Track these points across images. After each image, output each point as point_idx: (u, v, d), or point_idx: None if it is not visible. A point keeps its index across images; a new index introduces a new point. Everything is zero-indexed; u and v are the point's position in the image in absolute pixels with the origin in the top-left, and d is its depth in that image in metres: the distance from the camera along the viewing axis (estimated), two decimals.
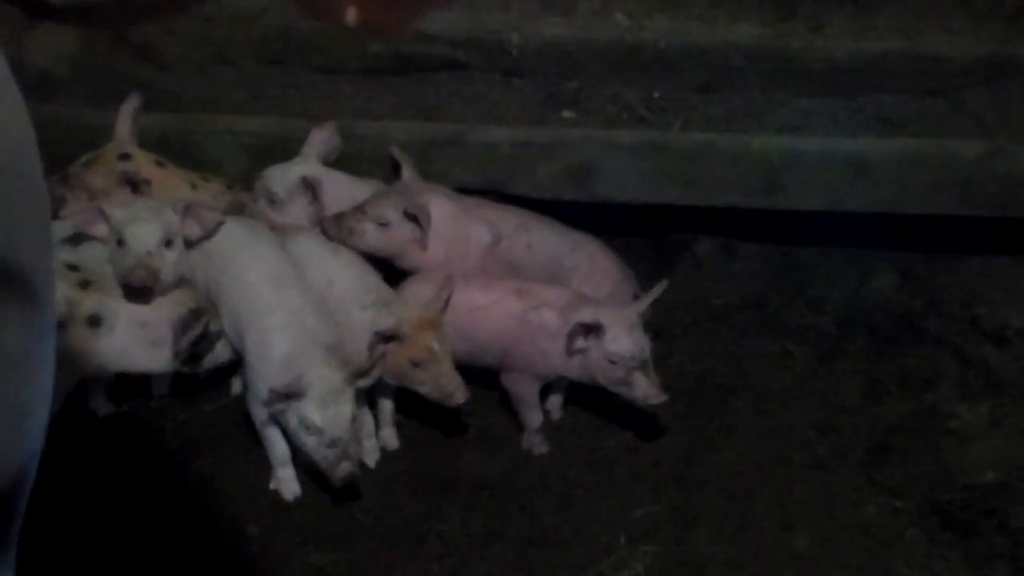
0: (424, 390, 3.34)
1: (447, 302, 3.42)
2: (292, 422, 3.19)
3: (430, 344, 3.31)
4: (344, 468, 3.17)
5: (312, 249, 3.59)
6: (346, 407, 3.18)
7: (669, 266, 4.05)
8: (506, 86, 4.02)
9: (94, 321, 3.22)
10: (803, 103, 3.96)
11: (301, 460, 3.37)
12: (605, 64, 3.99)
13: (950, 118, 3.90)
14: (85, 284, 3.25)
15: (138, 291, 3.27)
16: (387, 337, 3.32)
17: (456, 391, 3.33)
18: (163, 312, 3.28)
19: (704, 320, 4.01)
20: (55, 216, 3.56)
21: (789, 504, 3.37)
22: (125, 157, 3.66)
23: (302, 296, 3.38)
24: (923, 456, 3.49)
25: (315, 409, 3.15)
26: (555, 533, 3.32)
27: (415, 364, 3.31)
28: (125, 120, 3.75)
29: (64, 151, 3.81)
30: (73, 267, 3.29)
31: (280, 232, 3.63)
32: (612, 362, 3.34)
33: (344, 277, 3.54)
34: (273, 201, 3.70)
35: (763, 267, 4.16)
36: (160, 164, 3.70)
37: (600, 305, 3.45)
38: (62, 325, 3.20)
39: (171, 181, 3.69)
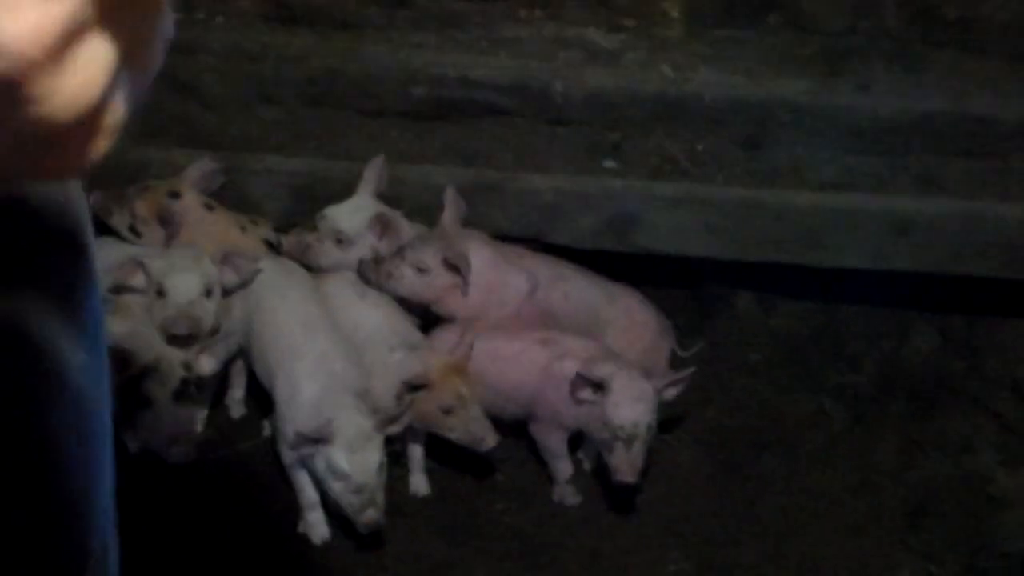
0: (454, 436, 3.32)
1: (471, 347, 3.41)
2: (320, 466, 3.17)
3: (458, 389, 3.30)
4: (369, 515, 3.13)
5: (340, 291, 3.59)
6: (374, 454, 3.15)
7: (708, 319, 4.03)
8: (549, 134, 4.00)
9: None
10: (848, 160, 3.93)
11: (330, 504, 3.35)
12: (649, 115, 3.97)
13: (996, 180, 3.85)
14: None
15: (181, 340, 3.29)
16: (415, 386, 3.30)
17: (486, 435, 3.31)
18: None
19: (741, 375, 3.97)
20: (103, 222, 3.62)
21: (822, 566, 3.33)
22: (175, 195, 3.68)
23: (331, 340, 3.38)
24: (961, 521, 3.44)
25: (342, 455, 3.12)
26: None
27: (444, 411, 3.30)
28: (195, 171, 3.79)
29: (102, 185, 3.83)
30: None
31: (316, 275, 3.64)
32: (604, 423, 3.29)
33: (372, 320, 3.53)
34: (340, 240, 3.68)
35: (802, 324, 4.13)
36: (209, 207, 3.71)
37: (621, 364, 3.40)
38: None
39: (220, 224, 3.70)
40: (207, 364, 3.34)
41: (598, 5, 4.14)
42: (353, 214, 3.69)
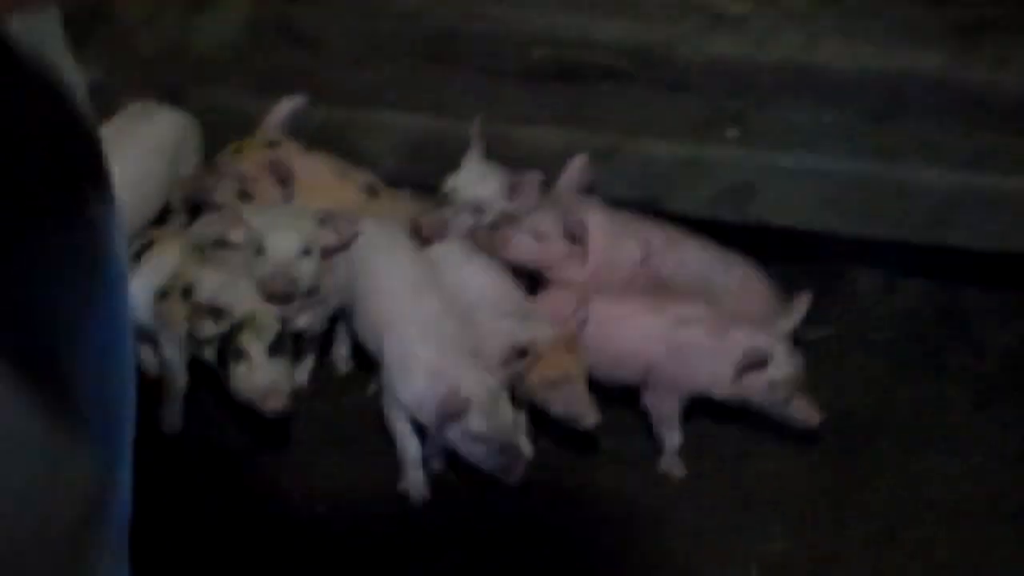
0: (555, 410, 3.26)
1: (584, 321, 3.35)
2: (454, 436, 3.14)
3: (565, 365, 3.24)
4: (519, 468, 3.12)
5: (446, 253, 3.54)
6: (507, 409, 3.14)
7: (826, 296, 3.90)
8: (670, 100, 3.92)
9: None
10: (980, 139, 3.79)
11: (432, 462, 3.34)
12: (774, 85, 3.88)
13: None
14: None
15: (278, 299, 3.27)
16: (521, 352, 3.24)
17: (588, 414, 3.24)
18: None
19: (858, 355, 3.84)
20: (205, 200, 3.61)
21: (933, 555, 3.21)
22: (274, 144, 3.66)
23: (441, 301, 3.34)
24: None
25: (481, 420, 3.09)
26: (684, 560, 3.21)
27: (549, 385, 3.23)
28: (281, 113, 3.77)
29: (221, 138, 3.84)
30: None
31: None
32: (774, 386, 3.29)
33: (479, 283, 3.48)
34: (478, 210, 3.63)
35: (925, 305, 3.99)
36: (306, 151, 3.71)
37: (751, 326, 3.39)
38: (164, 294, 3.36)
39: (320, 169, 3.67)
40: (304, 321, 3.32)
41: None
42: (483, 181, 3.63)
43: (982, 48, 3.82)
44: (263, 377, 3.18)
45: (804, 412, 3.33)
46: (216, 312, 3.18)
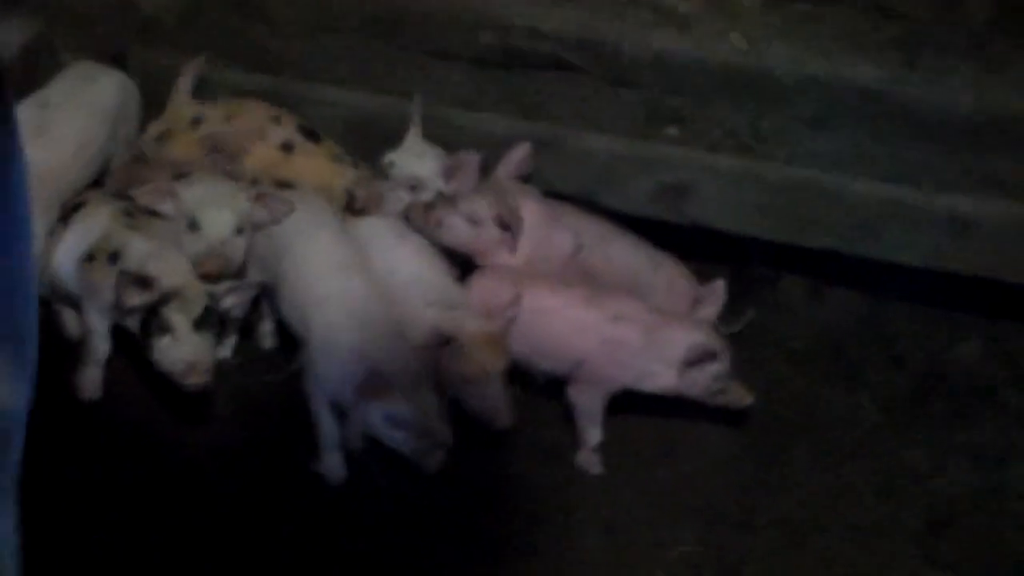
0: (469, 406, 3.27)
1: (513, 320, 3.36)
2: (375, 420, 3.14)
3: (485, 363, 3.25)
4: (437, 457, 3.17)
5: (378, 233, 3.54)
6: (429, 395, 3.15)
7: (750, 301, 3.93)
8: (612, 95, 3.93)
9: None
10: (914, 153, 3.82)
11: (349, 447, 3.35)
12: (716, 85, 3.88)
13: None
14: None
15: (212, 277, 3.28)
16: (445, 341, 3.26)
17: (500, 416, 3.28)
18: None
19: (779, 362, 3.89)
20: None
21: (836, 565, 3.27)
22: (197, 122, 3.65)
23: (366, 284, 3.33)
24: (984, 535, 3.36)
25: (402, 404, 3.10)
26: (593, 558, 3.25)
27: (466, 379, 3.25)
28: (187, 83, 3.78)
29: (162, 100, 3.83)
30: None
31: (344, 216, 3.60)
32: (716, 378, 3.37)
33: (409, 268, 3.48)
34: (414, 187, 3.63)
35: (847, 315, 4.03)
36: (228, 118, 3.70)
37: (686, 324, 3.44)
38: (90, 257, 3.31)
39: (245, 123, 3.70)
40: (230, 301, 3.32)
41: None
42: (421, 158, 3.64)
43: (919, 64, 3.83)
44: (186, 352, 3.18)
45: (738, 394, 3.44)
46: (143, 281, 3.16)
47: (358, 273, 3.37)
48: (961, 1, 3.93)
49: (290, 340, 3.52)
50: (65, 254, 3.37)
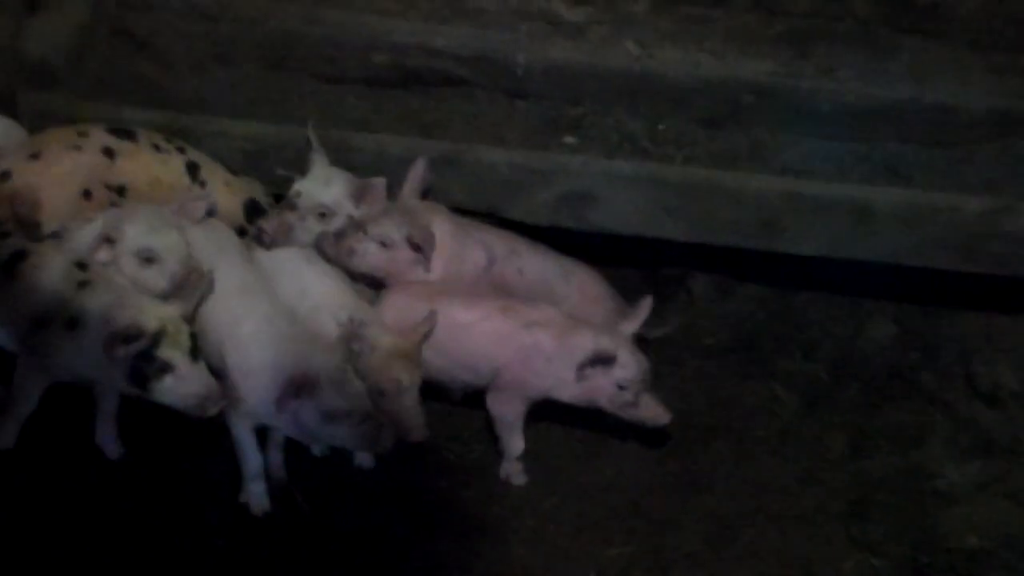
0: (385, 419, 3.25)
1: (426, 335, 3.36)
2: (311, 421, 3.12)
3: (397, 376, 3.25)
4: (387, 435, 3.14)
5: (285, 258, 3.52)
6: (357, 383, 3.15)
7: (662, 301, 3.96)
8: (509, 107, 3.96)
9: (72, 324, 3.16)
10: (809, 145, 3.89)
11: (272, 476, 3.33)
12: (611, 92, 3.93)
13: (958, 171, 3.82)
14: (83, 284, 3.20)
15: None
16: (358, 336, 3.27)
17: (415, 429, 3.27)
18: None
19: (693, 358, 3.93)
20: None
21: (765, 554, 3.31)
22: (3, 177, 3.44)
23: (270, 303, 3.32)
24: (906, 515, 3.42)
25: (334, 395, 3.09)
26: (526, 568, 3.25)
27: (380, 392, 3.24)
28: None
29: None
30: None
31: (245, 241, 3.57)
32: (621, 387, 3.33)
33: (319, 288, 3.47)
34: (323, 214, 3.59)
35: (758, 309, 4.09)
36: (34, 156, 3.49)
37: (597, 328, 3.43)
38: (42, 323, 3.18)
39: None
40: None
41: None
42: (328, 185, 3.60)
43: (810, 58, 3.91)
44: (194, 386, 3.10)
45: (652, 411, 3.38)
46: (129, 339, 3.05)
47: (259, 293, 3.34)
48: None
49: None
50: (9, 312, 3.27)
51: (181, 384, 3.09)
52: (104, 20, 4.06)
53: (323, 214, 3.57)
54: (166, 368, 3.08)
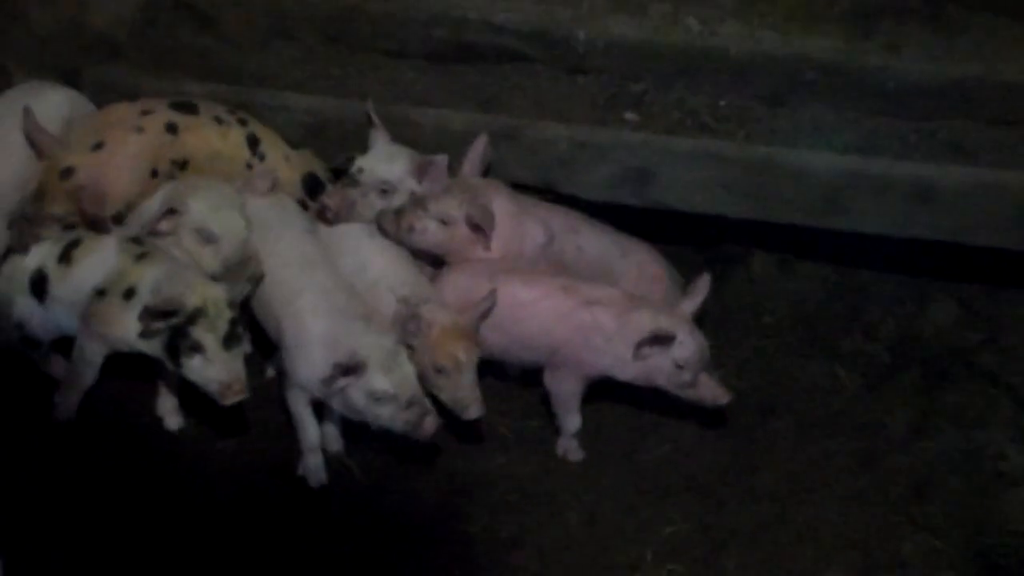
0: (441, 396, 3.27)
1: (485, 314, 3.36)
2: (359, 401, 3.15)
3: (456, 353, 3.25)
4: (430, 423, 3.16)
5: (347, 232, 3.53)
6: (407, 366, 3.17)
7: (722, 279, 3.94)
8: (570, 83, 3.94)
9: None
10: (873, 123, 3.84)
11: (329, 449, 3.37)
12: (673, 68, 3.90)
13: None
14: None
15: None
16: (415, 316, 3.28)
17: (472, 405, 3.27)
18: None
19: (753, 336, 3.91)
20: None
21: (823, 534, 3.28)
22: (67, 173, 3.45)
23: (330, 276, 3.34)
24: (967, 497, 3.38)
25: (381, 378, 3.12)
26: (581, 544, 3.26)
27: (437, 370, 3.24)
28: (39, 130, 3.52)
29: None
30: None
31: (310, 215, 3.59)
32: (679, 367, 3.32)
33: (379, 263, 3.48)
34: (385, 190, 3.60)
35: (819, 287, 4.05)
36: (98, 146, 3.48)
37: (656, 308, 3.41)
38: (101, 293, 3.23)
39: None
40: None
41: None
42: (391, 161, 3.60)
43: (875, 35, 3.86)
44: (219, 372, 3.13)
45: (711, 391, 3.36)
46: (166, 314, 3.10)
47: (321, 266, 3.37)
48: None
49: (266, 346, 3.50)
50: (70, 290, 3.31)
51: (207, 367, 3.14)
52: None
53: (385, 190, 3.57)
54: (197, 348, 3.12)
